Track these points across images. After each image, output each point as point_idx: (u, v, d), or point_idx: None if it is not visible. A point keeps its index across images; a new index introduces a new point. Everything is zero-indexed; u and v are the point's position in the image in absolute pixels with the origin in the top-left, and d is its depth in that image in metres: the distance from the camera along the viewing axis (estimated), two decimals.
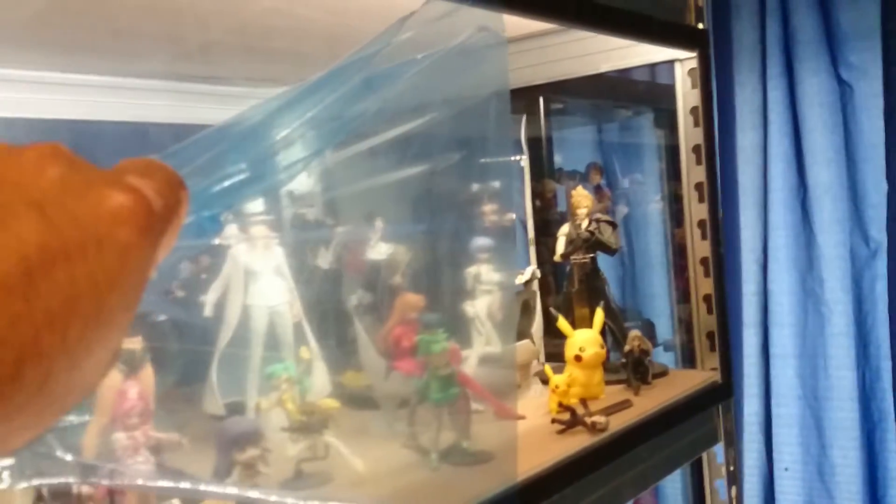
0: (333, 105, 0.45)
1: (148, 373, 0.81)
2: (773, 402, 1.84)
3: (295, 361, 0.92)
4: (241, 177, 0.37)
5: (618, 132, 1.90)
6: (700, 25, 1.17)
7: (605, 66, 1.24)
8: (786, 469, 1.83)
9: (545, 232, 1.48)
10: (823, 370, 1.78)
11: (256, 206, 1.06)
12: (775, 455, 1.84)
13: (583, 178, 1.73)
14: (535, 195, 1.47)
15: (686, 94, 1.19)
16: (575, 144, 1.80)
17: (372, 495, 0.82)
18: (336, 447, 0.85)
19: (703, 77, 1.15)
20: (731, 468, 1.19)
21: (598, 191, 1.74)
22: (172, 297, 0.98)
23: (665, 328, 1.68)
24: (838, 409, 1.77)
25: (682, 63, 1.19)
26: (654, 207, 1.82)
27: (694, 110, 1.18)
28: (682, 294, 1.76)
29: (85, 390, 0.22)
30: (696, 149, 1.18)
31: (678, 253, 1.77)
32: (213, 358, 1.00)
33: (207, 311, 1.03)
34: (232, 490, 0.71)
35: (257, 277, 1.02)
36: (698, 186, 1.18)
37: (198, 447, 0.82)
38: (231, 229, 1.02)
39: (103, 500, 0.64)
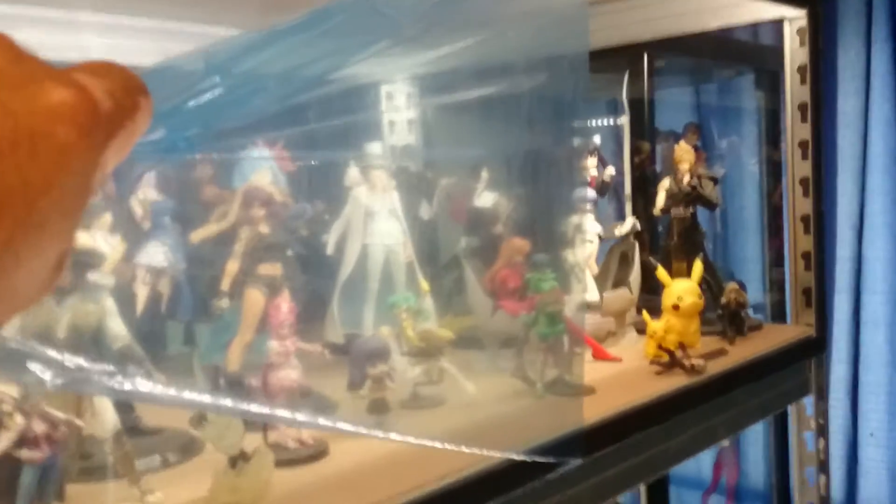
0: (329, 38, 0.43)
1: (286, 297, 0.90)
2: (861, 367, 1.84)
3: (414, 294, 0.99)
4: (215, 94, 0.35)
5: (717, 93, 1.91)
6: None
7: (715, 23, 1.26)
8: (871, 434, 1.83)
9: (641, 188, 1.52)
10: None
11: (376, 150, 1.14)
12: (861, 420, 1.84)
13: (678, 139, 1.75)
14: (633, 152, 1.50)
15: (794, 53, 1.20)
16: (672, 105, 1.81)
17: (483, 417, 0.89)
18: (450, 372, 0.92)
19: (812, 35, 1.16)
20: (821, 421, 1.22)
21: (694, 151, 1.75)
22: (298, 236, 1.06)
23: (755, 290, 1.70)
24: None
25: (791, 22, 1.20)
26: (749, 170, 1.82)
27: (801, 69, 1.19)
28: (776, 256, 1.78)
29: (17, 302, 0.21)
30: (801, 107, 1.19)
31: (773, 216, 1.78)
32: (334, 291, 1.09)
33: (329, 249, 1.11)
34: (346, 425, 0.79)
35: (375, 218, 1.09)
36: (802, 144, 1.19)
37: (321, 371, 0.90)
38: (353, 173, 1.10)
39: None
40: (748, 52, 1.66)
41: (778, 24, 1.23)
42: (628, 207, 1.51)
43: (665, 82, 1.68)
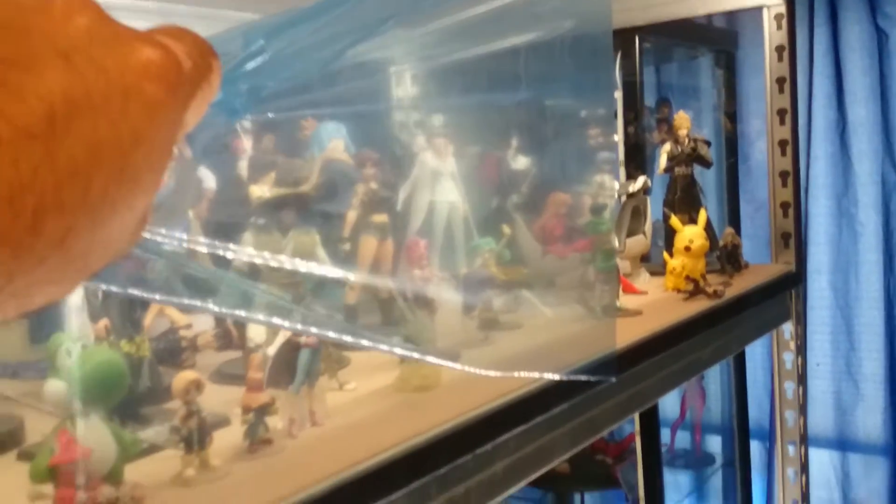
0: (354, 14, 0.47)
1: (390, 241, 1.08)
2: (808, 307, 2.13)
3: (494, 237, 1.18)
4: (261, 59, 0.38)
5: (681, 71, 2.15)
6: None
7: (702, 10, 1.49)
8: (818, 364, 2.12)
9: (632, 154, 1.74)
10: (854, 280, 2.07)
11: (438, 121, 1.31)
12: (808, 353, 2.13)
13: (652, 112, 1.99)
14: (626, 123, 1.72)
15: (771, 35, 1.44)
16: (657, 82, 2.05)
17: (559, 334, 1.09)
18: (528, 299, 1.12)
19: (790, 20, 1.40)
20: (798, 342, 1.47)
21: (664, 122, 1.99)
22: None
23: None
24: (866, 313, 2.06)
25: (769, 9, 1.43)
26: (712, 136, 2.07)
27: (778, 48, 1.43)
28: (734, 208, 2.03)
29: (109, 253, 0.22)
30: (779, 80, 1.43)
31: (732, 179, 2.03)
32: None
33: (399, 206, 1.28)
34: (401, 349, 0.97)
35: (439, 179, 1.27)
36: (780, 112, 1.43)
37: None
38: (420, 139, 1.28)
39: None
40: (714, 34, 1.90)
41: (757, 11, 1.46)
42: (622, 171, 1.72)
43: (646, 61, 1.90)
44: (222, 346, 0.95)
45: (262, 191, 0.89)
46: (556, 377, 0.97)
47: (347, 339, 0.64)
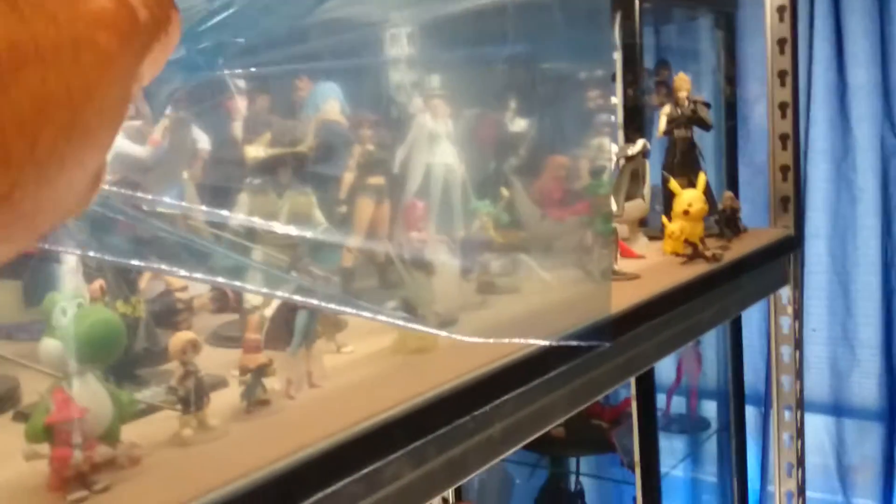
0: None
1: (387, 203, 1.07)
2: (806, 272, 2.12)
3: (492, 200, 1.17)
4: (225, 14, 0.37)
5: (680, 33, 2.13)
6: None
7: None
8: (814, 329, 2.13)
9: (630, 116, 1.72)
10: (852, 244, 2.07)
11: (435, 82, 1.30)
12: (805, 318, 2.14)
13: (651, 74, 1.97)
14: (626, 85, 1.70)
15: None
16: (656, 44, 2.02)
17: (556, 298, 1.08)
18: (526, 262, 1.11)
19: None
20: (796, 307, 1.47)
21: (663, 85, 1.97)
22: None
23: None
24: (863, 279, 2.06)
25: None
26: (711, 98, 2.05)
27: (780, 9, 1.41)
28: (731, 171, 2.02)
29: (58, 213, 0.21)
30: (780, 41, 1.41)
31: (731, 142, 2.02)
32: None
33: (395, 168, 1.27)
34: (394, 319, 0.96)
35: (436, 141, 1.26)
36: (781, 73, 1.42)
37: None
38: (417, 101, 1.26)
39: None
40: None
41: None
42: (620, 134, 1.71)
43: (645, 22, 1.88)
44: (218, 308, 0.94)
45: (257, 151, 0.88)
46: (549, 343, 0.97)
47: (346, 309, 0.63)
